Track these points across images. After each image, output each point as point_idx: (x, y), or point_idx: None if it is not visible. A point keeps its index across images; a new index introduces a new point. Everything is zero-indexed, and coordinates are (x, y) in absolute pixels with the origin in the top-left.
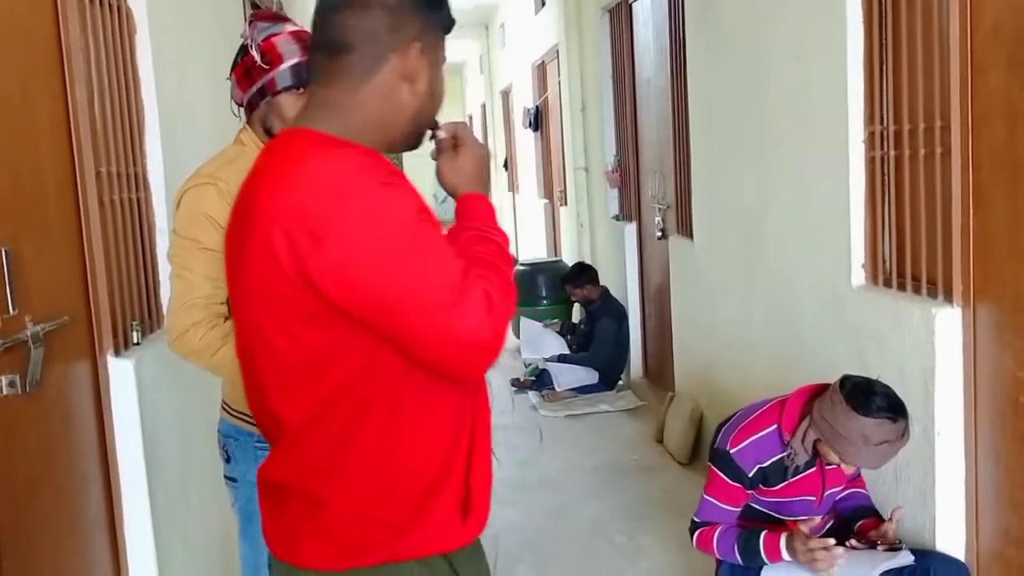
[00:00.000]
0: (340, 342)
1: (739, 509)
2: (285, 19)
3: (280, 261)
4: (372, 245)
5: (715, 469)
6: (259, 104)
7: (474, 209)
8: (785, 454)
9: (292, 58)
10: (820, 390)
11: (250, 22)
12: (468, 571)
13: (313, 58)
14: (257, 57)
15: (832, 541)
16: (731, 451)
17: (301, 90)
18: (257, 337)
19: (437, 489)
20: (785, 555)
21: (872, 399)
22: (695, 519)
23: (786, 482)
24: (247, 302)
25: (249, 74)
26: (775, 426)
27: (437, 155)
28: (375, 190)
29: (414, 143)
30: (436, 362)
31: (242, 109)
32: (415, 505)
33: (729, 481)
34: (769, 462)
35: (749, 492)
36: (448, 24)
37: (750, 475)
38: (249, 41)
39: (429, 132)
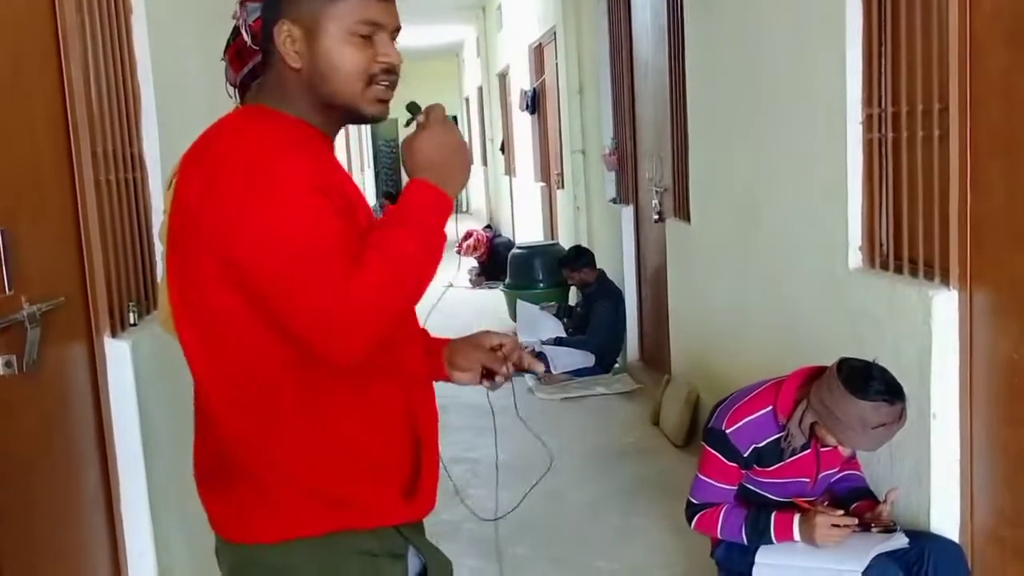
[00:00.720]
0: (235, 307)
1: (735, 488)
2: None
3: (184, 211)
4: (251, 205)
5: (710, 449)
6: (251, 85)
7: (407, 195)
8: (781, 435)
9: None
10: (816, 373)
11: (240, 3)
12: (420, 540)
13: None
14: (248, 38)
15: (856, 520)
16: (727, 431)
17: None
18: (181, 300)
19: (376, 467)
20: (797, 535)
21: (870, 383)
22: (692, 500)
23: (781, 463)
24: (170, 264)
25: (240, 55)
26: (771, 407)
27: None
28: (274, 155)
29: (351, 116)
30: (297, 336)
31: (236, 91)
32: (352, 480)
33: (725, 461)
34: (764, 443)
35: (744, 472)
36: None
37: (745, 455)
38: (240, 22)
39: (409, 114)
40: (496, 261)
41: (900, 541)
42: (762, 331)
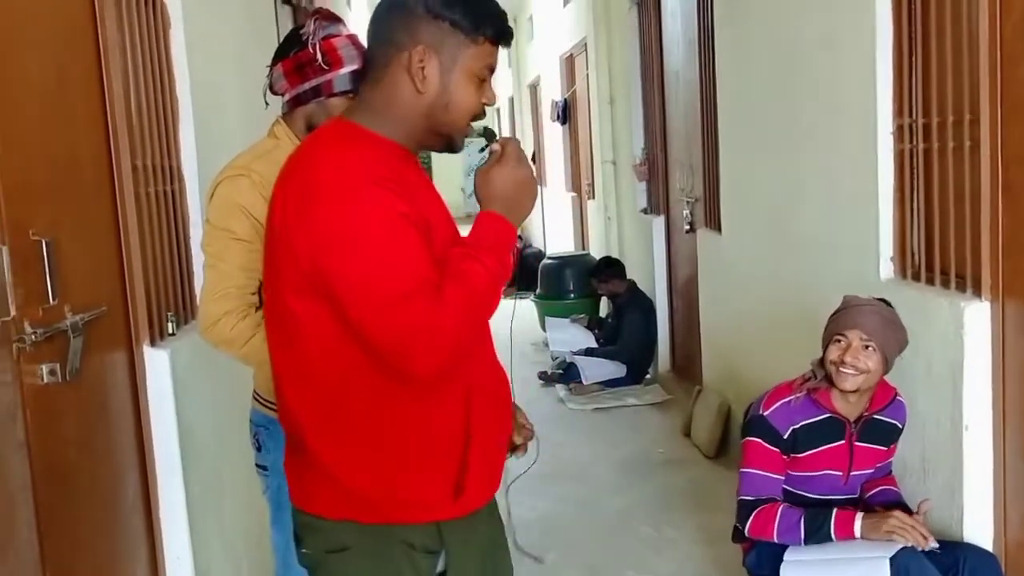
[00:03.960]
0: (315, 315)
1: (782, 477)
2: (340, 20)
3: (278, 228)
4: (345, 230)
5: (751, 438)
6: (309, 101)
7: (480, 228)
8: (818, 417)
9: (352, 64)
10: None
11: (314, 19)
12: (455, 538)
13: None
14: (319, 57)
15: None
16: (764, 413)
17: (353, 97)
18: (268, 299)
19: (424, 464)
20: (858, 530)
21: None
22: (744, 498)
23: (816, 449)
24: (266, 265)
25: (302, 70)
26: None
27: (484, 164)
28: (365, 186)
29: (444, 145)
30: (375, 353)
31: (279, 99)
32: (402, 478)
33: (767, 445)
34: (801, 423)
35: (786, 458)
36: (476, 29)
37: (785, 436)
38: (311, 38)
39: (485, 140)
40: (526, 271)
41: (931, 544)
42: (793, 342)
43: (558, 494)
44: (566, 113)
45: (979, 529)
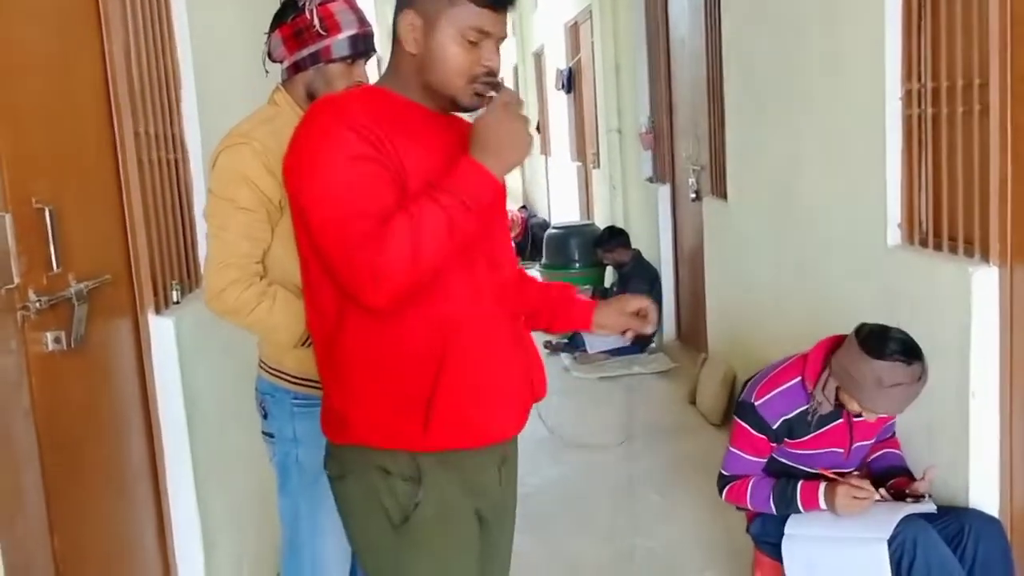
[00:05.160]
0: (307, 243)
1: (764, 460)
2: None
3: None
4: (314, 165)
5: (740, 421)
6: (308, 68)
7: (453, 171)
8: (809, 406)
9: (350, 28)
10: (840, 341)
11: None
12: (436, 477)
13: None
14: (316, 22)
15: (877, 496)
16: (755, 403)
17: (352, 62)
18: (298, 243)
19: (393, 392)
20: (823, 503)
21: (886, 343)
22: (723, 473)
23: (813, 434)
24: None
25: (300, 36)
26: (799, 378)
27: None
28: (338, 127)
29: (450, 104)
30: (336, 280)
31: (278, 66)
32: (374, 399)
33: (754, 432)
34: (794, 413)
35: (774, 445)
36: None
37: (774, 427)
38: (308, 3)
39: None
40: (531, 241)
41: (928, 507)
42: (800, 309)
43: (565, 461)
44: (571, 82)
45: (985, 496)
